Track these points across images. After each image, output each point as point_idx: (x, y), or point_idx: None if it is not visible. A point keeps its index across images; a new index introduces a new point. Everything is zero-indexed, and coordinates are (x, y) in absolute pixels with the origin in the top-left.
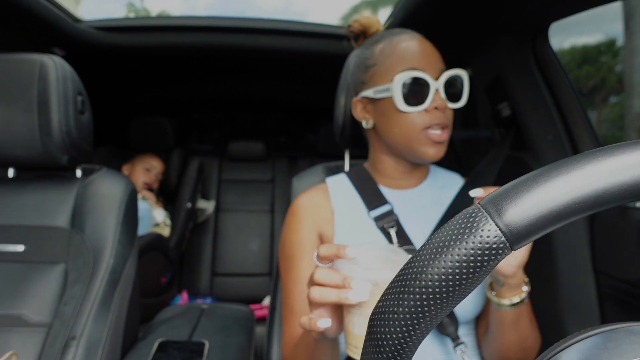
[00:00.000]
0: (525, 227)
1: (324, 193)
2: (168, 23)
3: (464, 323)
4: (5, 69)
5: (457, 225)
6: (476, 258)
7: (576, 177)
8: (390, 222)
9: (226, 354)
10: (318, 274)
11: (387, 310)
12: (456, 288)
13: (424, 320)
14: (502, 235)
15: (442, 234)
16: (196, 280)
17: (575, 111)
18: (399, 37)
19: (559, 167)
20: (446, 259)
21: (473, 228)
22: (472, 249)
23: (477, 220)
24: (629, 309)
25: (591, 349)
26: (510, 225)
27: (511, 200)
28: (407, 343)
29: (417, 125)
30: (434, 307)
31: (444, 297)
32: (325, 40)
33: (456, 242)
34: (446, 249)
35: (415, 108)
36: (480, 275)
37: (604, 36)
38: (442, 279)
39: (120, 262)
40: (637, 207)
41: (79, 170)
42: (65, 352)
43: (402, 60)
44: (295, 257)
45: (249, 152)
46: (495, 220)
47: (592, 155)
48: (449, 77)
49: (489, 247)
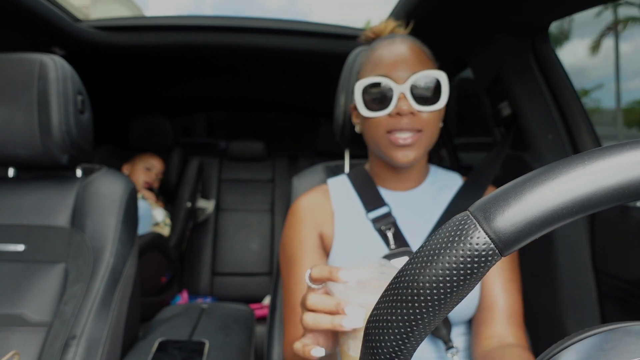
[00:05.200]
0: (514, 233)
1: (325, 194)
2: (168, 23)
3: (457, 325)
4: (5, 68)
5: (447, 233)
6: (466, 265)
7: (563, 181)
8: (388, 224)
9: (226, 354)
10: (311, 300)
11: (381, 319)
12: (448, 295)
13: (418, 328)
14: (491, 242)
15: (433, 241)
16: (196, 279)
17: (576, 110)
18: (378, 44)
19: (546, 172)
20: (437, 267)
21: (462, 235)
22: (461, 256)
23: (467, 227)
24: (629, 308)
25: (588, 350)
26: (498, 232)
27: (499, 207)
28: (401, 351)
29: (380, 129)
30: (427, 315)
31: (436, 305)
32: (327, 40)
33: (446, 250)
34: (437, 257)
35: (377, 113)
36: (471, 282)
37: None
38: (434, 286)
39: (120, 262)
40: (637, 207)
41: (79, 169)
42: (65, 351)
43: (374, 67)
44: (296, 257)
45: (249, 152)
46: (483, 227)
47: (579, 159)
48: (415, 80)
49: (478, 254)
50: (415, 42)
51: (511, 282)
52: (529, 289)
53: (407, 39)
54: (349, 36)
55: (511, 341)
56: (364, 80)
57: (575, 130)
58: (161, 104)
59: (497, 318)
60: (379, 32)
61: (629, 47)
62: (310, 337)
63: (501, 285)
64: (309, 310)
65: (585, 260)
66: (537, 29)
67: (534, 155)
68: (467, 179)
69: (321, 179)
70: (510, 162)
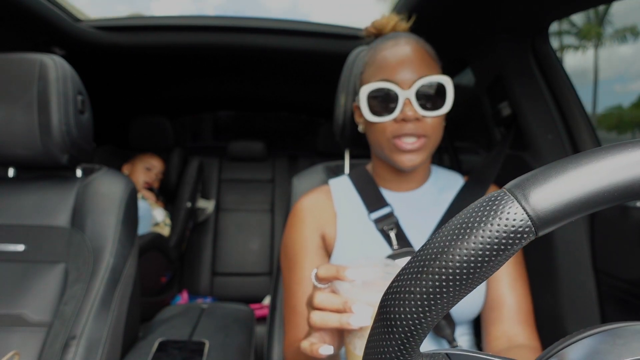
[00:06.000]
0: (553, 212)
1: (327, 195)
2: (168, 23)
3: (461, 324)
4: (5, 68)
5: (480, 208)
6: (500, 241)
7: (606, 166)
8: (390, 225)
9: (226, 354)
10: (318, 299)
11: (403, 290)
12: (477, 270)
13: (441, 302)
14: (528, 219)
15: (463, 216)
16: (196, 279)
17: (576, 110)
18: (383, 45)
19: (588, 156)
20: (469, 240)
21: (498, 210)
22: (497, 231)
23: (503, 203)
24: (629, 308)
25: (589, 349)
26: (536, 209)
27: (539, 185)
28: (421, 325)
29: (386, 135)
30: (453, 288)
31: (463, 279)
32: (327, 40)
33: (480, 224)
34: (469, 230)
35: (383, 118)
36: (502, 258)
37: None
38: (464, 259)
39: (120, 262)
40: (637, 207)
41: (79, 169)
42: (65, 351)
43: (378, 70)
44: (298, 257)
45: (249, 152)
46: (522, 203)
47: (623, 146)
48: (420, 86)
49: (514, 229)
50: (419, 41)
51: (518, 280)
52: (529, 288)
53: (411, 39)
54: (349, 36)
55: (521, 341)
56: (369, 86)
57: (575, 130)
58: (161, 104)
59: (505, 317)
60: (380, 27)
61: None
62: (316, 336)
63: (508, 284)
64: (316, 308)
65: (585, 260)
66: (537, 29)
67: (534, 155)
68: (468, 179)
69: (321, 179)
70: (510, 162)
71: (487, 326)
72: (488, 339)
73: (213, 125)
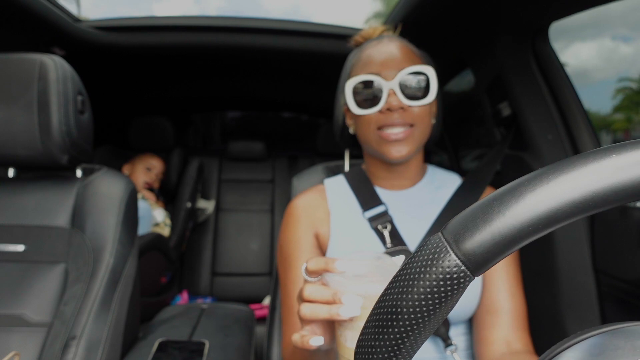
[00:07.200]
0: (483, 254)
1: (321, 194)
2: (168, 23)
3: (456, 324)
4: (5, 68)
5: (423, 257)
6: (440, 289)
7: (527, 199)
8: (384, 223)
9: (226, 354)
10: (307, 291)
11: (367, 344)
12: (426, 318)
13: (405, 349)
14: (461, 264)
15: (410, 265)
16: (196, 280)
17: (576, 111)
18: (367, 45)
19: (511, 190)
20: (414, 291)
21: (435, 259)
22: (435, 280)
23: (439, 251)
24: (629, 308)
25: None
26: (468, 254)
27: (468, 228)
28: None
29: (371, 126)
30: (409, 338)
31: (415, 328)
32: (327, 40)
33: (421, 275)
34: (413, 282)
35: (368, 110)
36: (448, 304)
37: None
38: (411, 311)
39: (120, 262)
40: (637, 207)
41: (79, 170)
42: (65, 351)
43: (363, 67)
44: (292, 257)
45: (249, 152)
46: (454, 250)
47: (543, 174)
48: (403, 76)
49: (450, 277)
50: (403, 41)
51: (516, 285)
52: (529, 289)
53: (395, 39)
54: (350, 37)
55: (519, 347)
56: (353, 79)
57: (575, 130)
58: (161, 104)
59: (503, 322)
60: (367, 37)
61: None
62: (307, 329)
63: (507, 289)
64: (306, 301)
65: (585, 260)
66: (537, 29)
67: (533, 155)
68: (466, 178)
69: (321, 179)
70: (510, 162)
71: (482, 329)
72: (485, 343)
73: (221, 128)
